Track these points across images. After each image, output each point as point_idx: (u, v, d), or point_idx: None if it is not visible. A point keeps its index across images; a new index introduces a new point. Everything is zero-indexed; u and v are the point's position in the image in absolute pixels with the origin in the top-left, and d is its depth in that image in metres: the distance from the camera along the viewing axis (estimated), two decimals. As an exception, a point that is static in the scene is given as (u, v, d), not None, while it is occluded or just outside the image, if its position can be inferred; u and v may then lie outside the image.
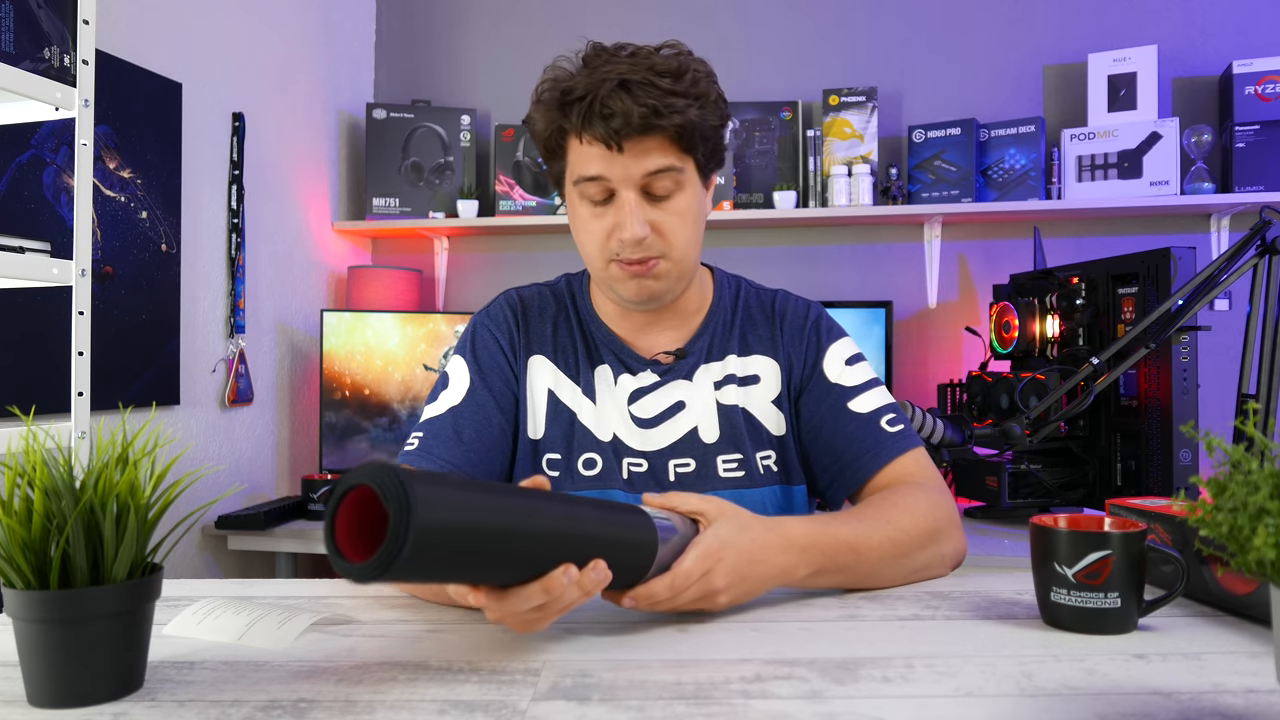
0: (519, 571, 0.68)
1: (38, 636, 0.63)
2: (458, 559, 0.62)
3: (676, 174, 1.00)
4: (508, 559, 0.66)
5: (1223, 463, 0.57)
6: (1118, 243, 2.50)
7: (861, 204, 2.48)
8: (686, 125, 0.97)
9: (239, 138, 2.21)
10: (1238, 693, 0.65)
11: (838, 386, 1.09)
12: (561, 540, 0.69)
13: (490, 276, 2.82)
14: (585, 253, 1.06)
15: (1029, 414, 1.90)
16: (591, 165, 0.98)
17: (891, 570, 0.95)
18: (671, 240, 1.01)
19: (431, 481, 0.60)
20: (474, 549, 0.63)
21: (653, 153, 0.97)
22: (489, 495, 0.65)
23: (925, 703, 0.64)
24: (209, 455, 2.13)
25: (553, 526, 0.68)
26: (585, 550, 0.70)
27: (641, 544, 0.76)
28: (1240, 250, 1.73)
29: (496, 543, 0.64)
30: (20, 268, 1.26)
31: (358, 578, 0.58)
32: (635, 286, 1.03)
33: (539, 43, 2.80)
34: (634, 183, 0.98)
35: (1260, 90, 2.31)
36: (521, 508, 0.66)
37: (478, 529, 0.62)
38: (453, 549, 0.60)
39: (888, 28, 2.66)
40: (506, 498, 0.66)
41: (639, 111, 0.94)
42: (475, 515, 0.62)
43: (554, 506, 0.69)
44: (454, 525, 0.60)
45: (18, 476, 0.64)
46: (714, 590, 0.81)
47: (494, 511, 0.64)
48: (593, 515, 0.72)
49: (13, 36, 1.27)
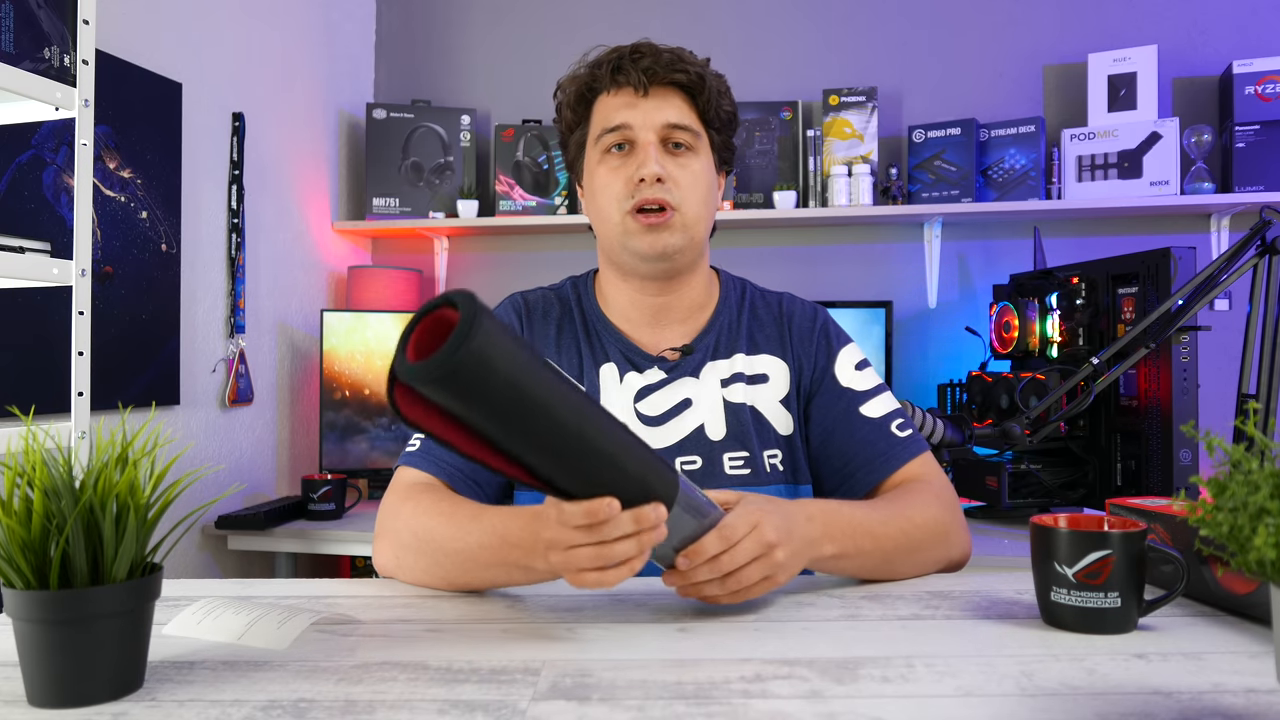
0: (548, 454, 0.71)
1: (38, 636, 0.63)
2: (496, 397, 0.66)
3: (693, 136, 1.09)
4: (540, 422, 0.68)
5: (1223, 463, 0.57)
6: (1118, 243, 2.50)
7: (861, 204, 2.48)
8: (706, 81, 1.09)
9: (239, 138, 2.21)
10: (1238, 692, 0.65)
11: (849, 391, 1.11)
12: (592, 435, 0.71)
13: (490, 276, 2.82)
14: (602, 214, 1.10)
15: (1029, 414, 1.89)
16: (617, 115, 1.08)
17: (904, 562, 0.96)
18: (686, 193, 1.07)
19: (502, 329, 0.66)
20: (514, 397, 0.66)
21: (673, 105, 1.08)
22: (542, 367, 0.69)
23: (925, 703, 0.64)
24: (209, 455, 2.12)
25: (588, 424, 0.71)
26: (611, 463, 0.72)
27: (662, 480, 0.76)
28: (1240, 250, 1.73)
29: (533, 402, 0.67)
30: (20, 268, 1.26)
31: (406, 375, 0.64)
32: (650, 240, 1.06)
33: (539, 43, 2.80)
34: (654, 129, 1.07)
35: (1260, 90, 2.31)
36: (569, 394, 0.70)
37: (518, 382, 0.66)
38: (496, 386, 0.65)
39: (888, 28, 2.66)
40: (557, 379, 0.70)
41: (666, 56, 1.08)
42: (523, 371, 0.67)
43: (599, 413, 0.73)
44: (502, 366, 0.65)
45: (18, 476, 0.64)
46: (769, 544, 0.82)
47: (541, 378, 0.68)
48: (633, 444, 0.75)
49: (13, 36, 1.27)
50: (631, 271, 1.11)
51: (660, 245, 1.06)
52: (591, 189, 1.12)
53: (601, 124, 1.09)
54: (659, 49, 1.09)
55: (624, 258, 1.10)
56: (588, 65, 1.12)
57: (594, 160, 1.11)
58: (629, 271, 1.11)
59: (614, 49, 1.10)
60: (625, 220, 1.07)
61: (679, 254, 1.08)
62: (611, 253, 1.12)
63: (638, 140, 1.07)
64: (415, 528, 0.95)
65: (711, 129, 1.11)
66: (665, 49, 1.09)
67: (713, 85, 1.10)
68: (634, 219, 1.06)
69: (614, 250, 1.11)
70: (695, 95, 1.09)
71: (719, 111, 1.11)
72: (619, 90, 1.08)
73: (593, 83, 1.10)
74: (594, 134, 1.11)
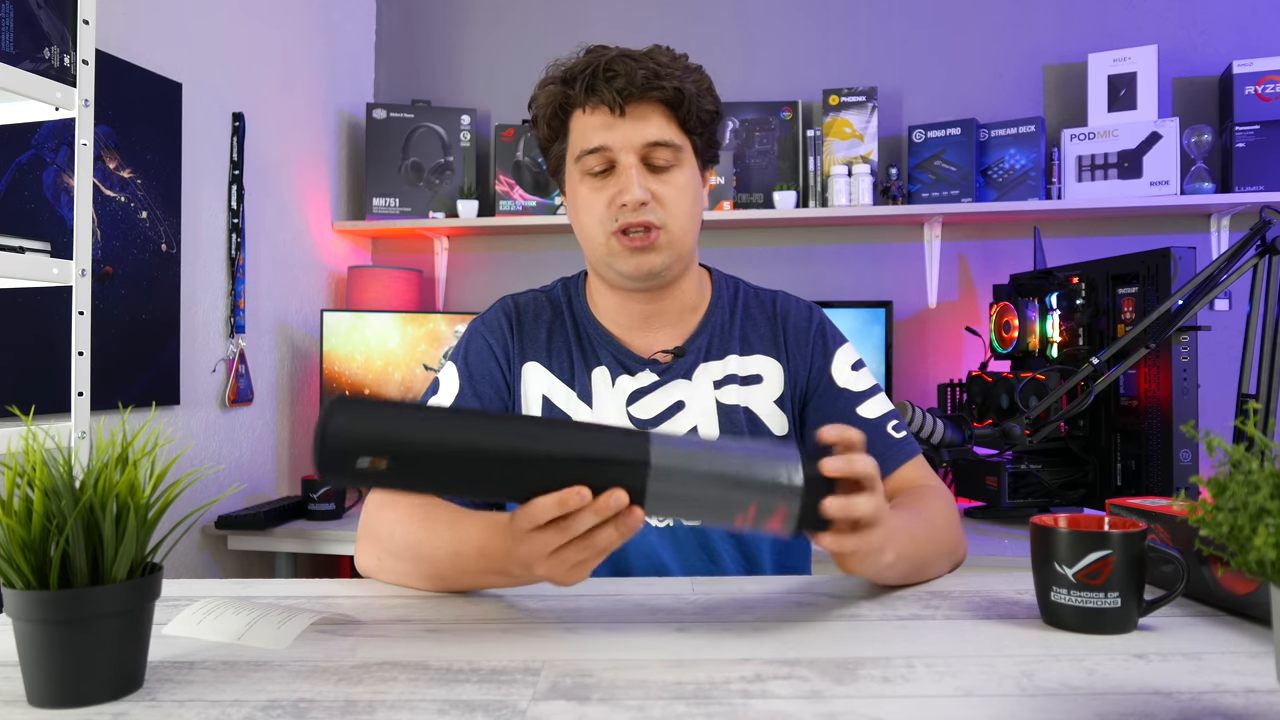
0: (493, 485, 0.72)
1: (38, 636, 0.63)
2: (393, 470, 0.68)
3: (675, 150, 1.05)
4: (458, 466, 0.70)
5: (1223, 463, 0.57)
6: (1118, 243, 2.50)
7: (861, 204, 2.48)
8: (685, 92, 1.03)
9: (239, 138, 2.21)
10: (1238, 693, 0.65)
11: (846, 391, 1.10)
12: (514, 458, 0.70)
13: (490, 276, 2.82)
14: (586, 233, 1.08)
15: (1029, 414, 1.90)
16: (594, 136, 1.03)
17: (932, 567, 0.96)
18: (671, 210, 1.04)
19: (363, 410, 0.69)
20: (407, 456, 0.69)
21: (653, 122, 1.03)
22: (429, 420, 0.71)
23: (925, 703, 0.64)
24: (209, 455, 2.13)
25: (502, 444, 0.70)
26: (553, 469, 0.70)
27: (624, 461, 0.71)
28: (1240, 250, 1.73)
29: (436, 456, 0.69)
30: (20, 268, 1.26)
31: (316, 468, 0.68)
32: (635, 262, 1.04)
33: (538, 43, 2.80)
34: (634, 150, 1.03)
35: (1260, 90, 2.31)
36: (478, 426, 0.71)
37: (402, 438, 0.69)
38: (380, 452, 0.68)
39: (888, 28, 2.66)
40: (453, 419, 0.72)
41: (641, 73, 1.01)
42: (400, 426, 0.69)
43: (508, 425, 0.73)
44: (372, 435, 0.68)
45: (18, 476, 0.64)
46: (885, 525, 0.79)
47: (424, 424, 0.70)
48: (557, 433, 0.72)
49: (13, 36, 1.27)
50: (618, 285, 1.10)
51: (646, 266, 1.05)
52: (574, 206, 1.09)
53: (580, 144, 1.05)
54: (634, 63, 1.02)
55: (609, 274, 1.08)
56: (560, 80, 1.05)
57: (575, 178, 1.07)
58: (615, 285, 1.10)
59: (587, 58, 1.04)
60: (610, 241, 1.05)
61: (666, 270, 1.07)
62: (597, 267, 1.10)
63: (618, 161, 1.03)
64: (395, 532, 0.94)
65: (694, 135, 1.07)
66: (641, 60, 1.02)
67: (691, 92, 1.04)
68: (619, 240, 1.04)
69: (599, 266, 1.09)
70: (675, 107, 1.04)
71: (700, 116, 1.06)
72: (594, 109, 1.03)
73: (566, 101, 1.05)
74: (573, 153, 1.06)
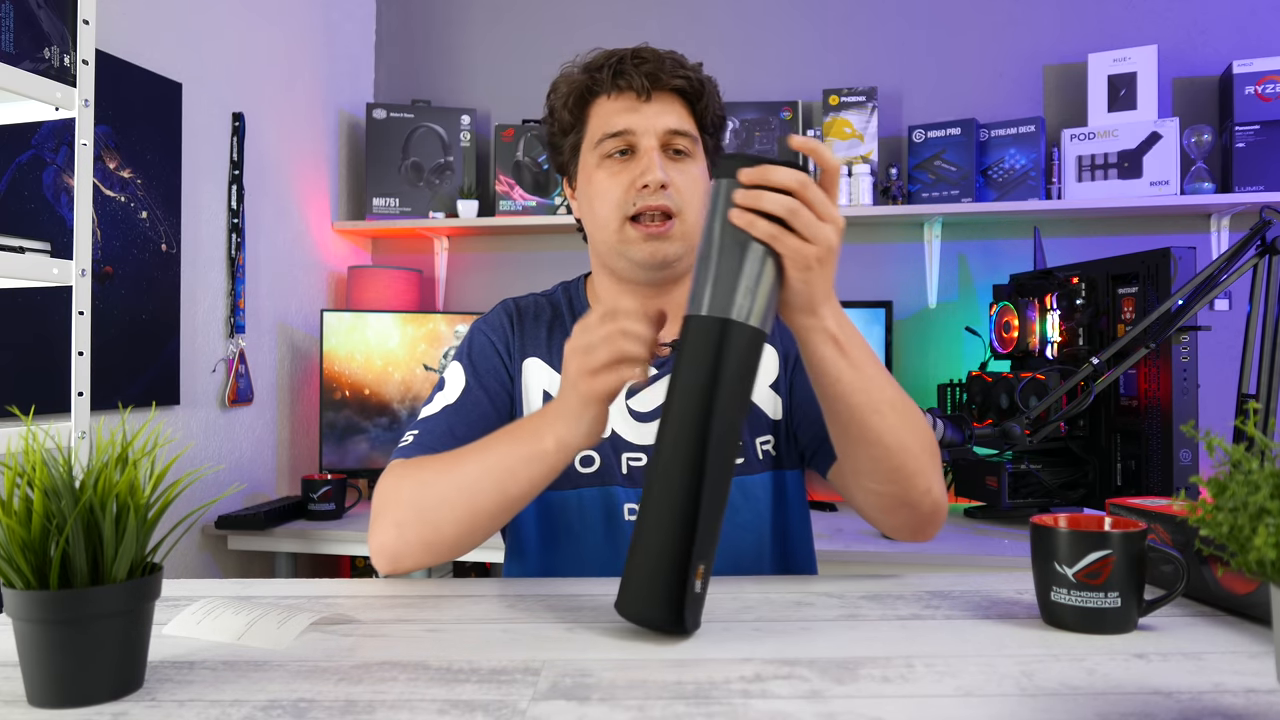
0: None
1: (38, 636, 0.63)
2: None
3: (692, 142, 1.09)
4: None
5: (1223, 462, 0.57)
6: (1118, 243, 2.50)
7: (861, 204, 2.48)
8: (704, 85, 1.09)
9: (239, 138, 2.21)
10: (1238, 692, 0.65)
11: None
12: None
13: (490, 276, 2.82)
14: (599, 221, 1.08)
15: (1029, 414, 1.89)
16: (617, 120, 1.07)
17: (893, 421, 0.90)
18: (688, 199, 1.06)
19: None
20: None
21: (675, 112, 1.08)
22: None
23: (925, 703, 0.64)
24: (209, 455, 2.13)
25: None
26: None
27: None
28: (1240, 250, 1.73)
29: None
30: (20, 268, 1.26)
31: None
32: (650, 249, 1.06)
33: (539, 43, 2.80)
34: (657, 134, 1.06)
35: (1260, 90, 2.31)
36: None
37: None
38: None
39: (888, 28, 2.66)
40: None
41: (669, 62, 1.07)
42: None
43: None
44: None
45: (17, 476, 0.64)
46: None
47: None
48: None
49: (13, 36, 1.27)
50: (627, 277, 1.10)
51: (660, 255, 1.06)
52: (587, 194, 1.10)
53: (602, 128, 1.07)
54: (659, 53, 1.08)
55: (619, 264, 1.09)
56: (584, 68, 1.10)
57: (591, 164, 1.09)
58: (624, 277, 1.10)
59: (611, 52, 1.09)
60: (624, 228, 1.06)
61: (678, 261, 1.08)
62: (606, 258, 1.11)
63: (640, 145, 1.06)
64: (419, 479, 0.94)
65: (706, 134, 1.11)
66: (665, 53, 1.08)
67: (709, 90, 1.10)
68: (633, 227, 1.05)
69: (609, 256, 1.10)
70: (694, 101, 1.09)
71: (714, 116, 1.11)
72: (620, 94, 1.07)
73: (592, 85, 1.08)
74: (592, 138, 1.09)
